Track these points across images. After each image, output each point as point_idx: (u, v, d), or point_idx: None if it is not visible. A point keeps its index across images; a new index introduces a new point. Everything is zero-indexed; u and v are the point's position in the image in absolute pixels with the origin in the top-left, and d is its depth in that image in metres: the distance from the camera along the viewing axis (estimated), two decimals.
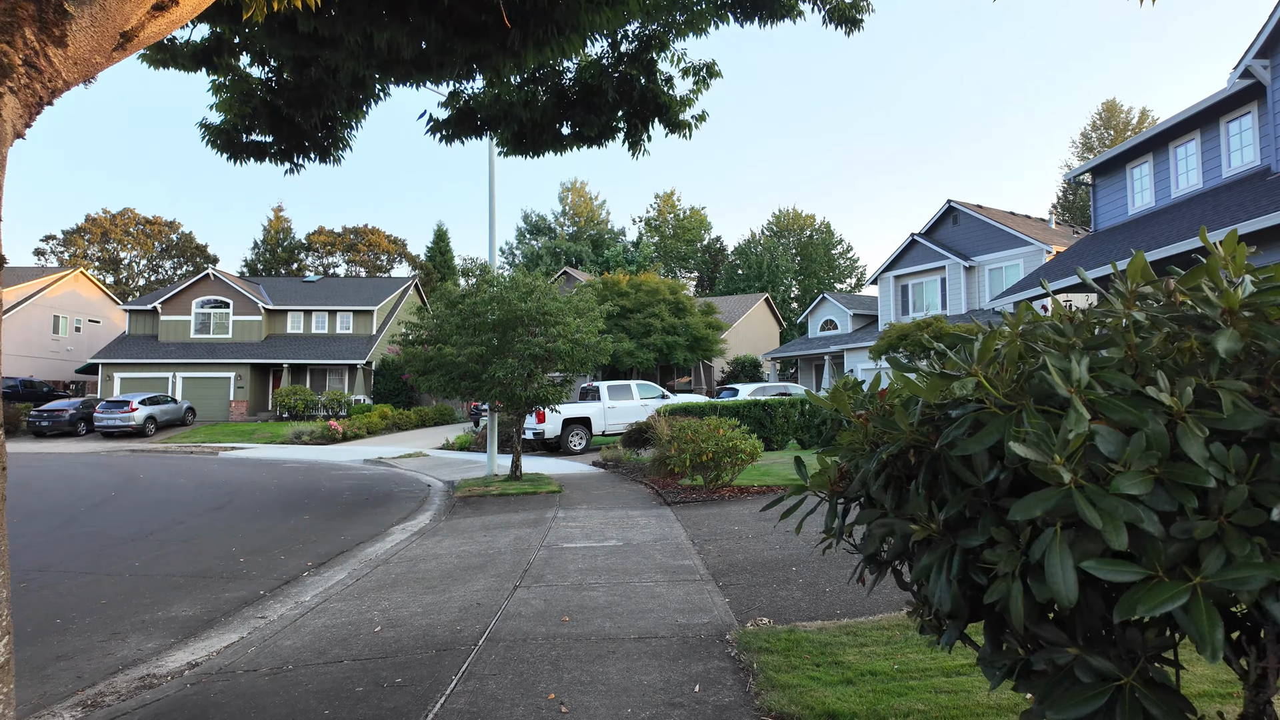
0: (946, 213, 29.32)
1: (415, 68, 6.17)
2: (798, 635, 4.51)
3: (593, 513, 10.44)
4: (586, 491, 12.79)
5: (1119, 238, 15.78)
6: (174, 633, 5.63)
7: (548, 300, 12.86)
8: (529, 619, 5.34)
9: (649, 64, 7.67)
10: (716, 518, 9.37)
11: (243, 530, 10.12)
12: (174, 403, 34.72)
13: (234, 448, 27.59)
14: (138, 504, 12.69)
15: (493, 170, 14.74)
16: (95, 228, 58.78)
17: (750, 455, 11.17)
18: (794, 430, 18.56)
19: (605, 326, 14.31)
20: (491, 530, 9.42)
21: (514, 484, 13.50)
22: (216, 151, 7.49)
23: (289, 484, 15.67)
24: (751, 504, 10.30)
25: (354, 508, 12.20)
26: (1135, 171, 16.63)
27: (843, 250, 61.44)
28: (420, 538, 9.30)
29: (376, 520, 10.91)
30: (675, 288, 34.54)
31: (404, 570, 7.38)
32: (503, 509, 11.26)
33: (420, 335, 13.50)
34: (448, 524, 10.27)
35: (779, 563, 6.75)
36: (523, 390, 12.73)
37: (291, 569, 7.78)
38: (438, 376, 12.89)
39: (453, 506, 11.92)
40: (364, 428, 30.91)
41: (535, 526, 9.44)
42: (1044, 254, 25.57)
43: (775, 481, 11.96)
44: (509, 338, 12.75)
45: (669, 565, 6.90)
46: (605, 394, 21.69)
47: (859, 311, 33.56)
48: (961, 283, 28.11)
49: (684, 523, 9.19)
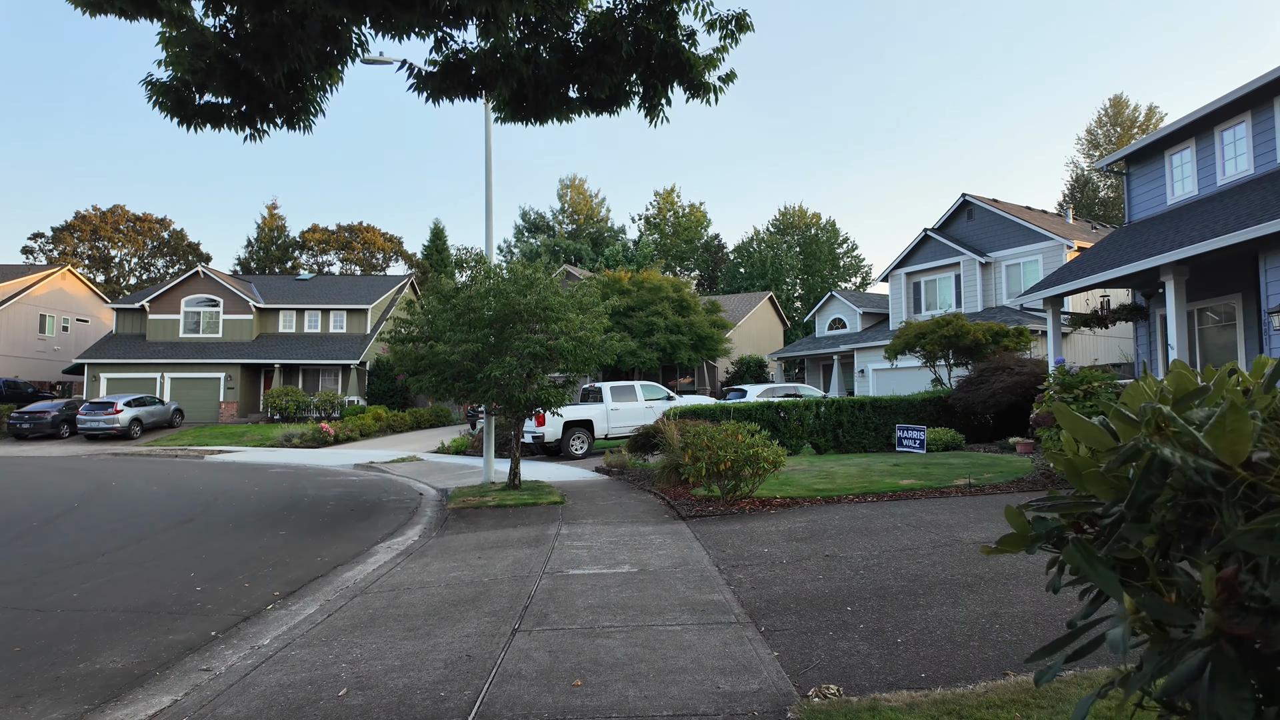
0: (961, 207, 28.30)
1: (394, 4, 5.12)
2: (884, 716, 3.45)
3: (600, 529, 9.38)
4: (591, 502, 11.73)
5: (1159, 228, 14.74)
6: (91, 695, 4.55)
7: (549, 295, 11.79)
8: (531, 681, 4.27)
9: (669, 16, 6.61)
10: (740, 536, 8.31)
11: (209, 549, 9.04)
12: (161, 404, 33.60)
13: (221, 451, 26.51)
14: (100, 517, 11.61)
15: (489, 145, 13.64)
16: (85, 225, 57.60)
17: (773, 464, 10.12)
18: (808, 434, 17.51)
19: (610, 324, 13.22)
20: (487, 551, 8.36)
21: (512, 494, 12.43)
22: (165, 115, 6.41)
23: (271, 492, 14.60)
24: (776, 519, 9.24)
25: (337, 521, 11.14)
26: (1175, 158, 15.59)
27: (847, 248, 60.40)
28: (407, 559, 8.24)
29: (360, 536, 9.85)
30: (679, 285, 33.48)
31: (384, 604, 6.31)
32: (500, 523, 10.19)
33: (411, 332, 12.42)
34: (438, 542, 9.21)
35: (828, 599, 5.69)
36: (521, 392, 11.66)
37: (255, 600, 6.71)
38: (430, 377, 11.82)
39: (445, 520, 10.86)
40: (357, 430, 29.82)
41: (536, 546, 8.37)
42: (1064, 249, 24.55)
43: (798, 493, 10.91)
44: (507, 335, 11.68)
45: (696, 601, 5.84)
46: (608, 395, 20.63)
47: (869, 310, 32.53)
48: (977, 279, 27.08)
49: (704, 542, 8.13)
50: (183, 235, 61.44)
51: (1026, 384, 17.09)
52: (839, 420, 17.72)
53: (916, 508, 9.46)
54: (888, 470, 12.74)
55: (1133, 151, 16.55)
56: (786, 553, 7.34)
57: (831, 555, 7.08)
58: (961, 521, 8.39)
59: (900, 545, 7.35)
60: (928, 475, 11.91)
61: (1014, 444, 15.43)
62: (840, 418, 17.73)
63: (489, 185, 13.64)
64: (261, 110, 6.36)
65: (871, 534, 7.98)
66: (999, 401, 17.32)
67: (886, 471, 12.57)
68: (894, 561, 6.68)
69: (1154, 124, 56.76)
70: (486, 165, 13.50)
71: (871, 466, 13.41)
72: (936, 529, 8.03)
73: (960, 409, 18.13)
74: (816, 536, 8.03)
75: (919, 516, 8.80)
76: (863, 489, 10.87)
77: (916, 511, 9.17)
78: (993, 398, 17.28)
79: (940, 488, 10.74)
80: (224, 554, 8.74)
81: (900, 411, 18.20)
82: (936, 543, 7.35)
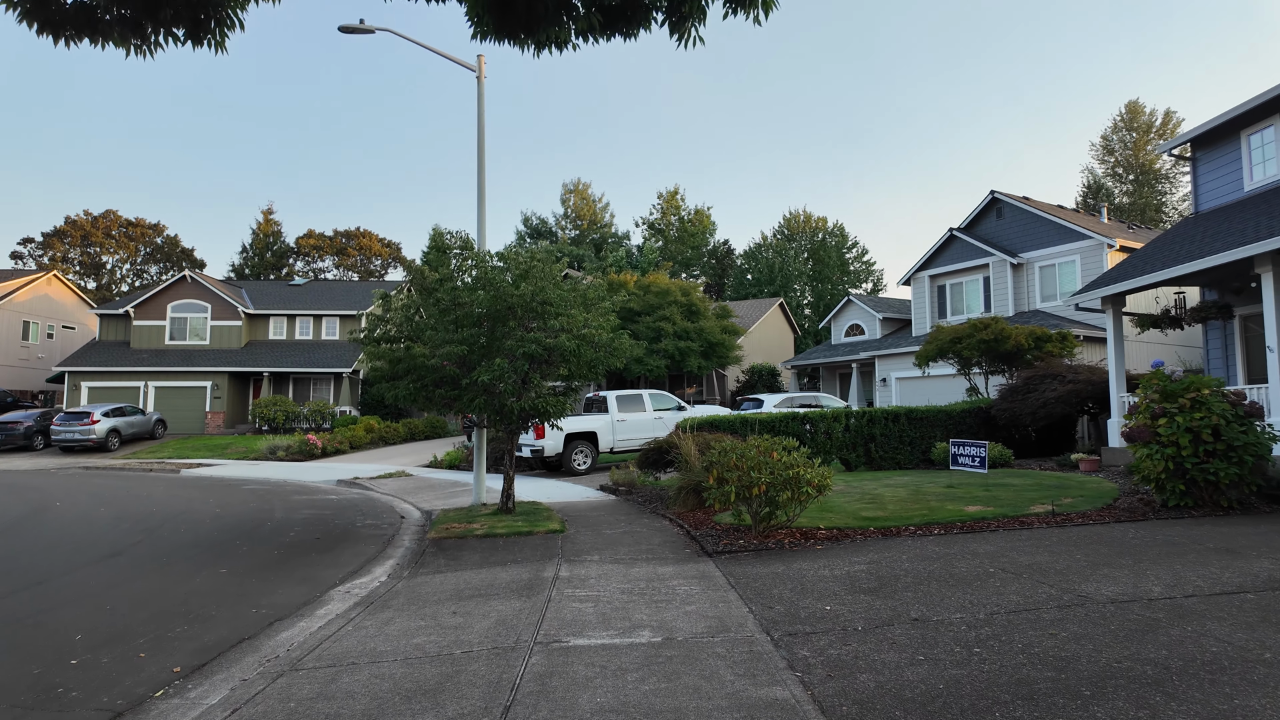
0: (989, 205, 26.57)
1: None
2: None
3: (608, 569, 7.60)
4: (596, 530, 9.95)
5: (1240, 216, 12.98)
6: None
7: (548, 286, 10.04)
8: None
9: None
10: (787, 584, 6.53)
11: (123, 595, 7.29)
12: (142, 414, 31.88)
13: (200, 465, 24.76)
14: (16, 548, 9.85)
15: (482, 102, 11.90)
16: (75, 230, 56.14)
17: (818, 488, 8.32)
18: (837, 449, 15.71)
19: (619, 322, 11.42)
20: (466, 601, 6.58)
21: (504, 519, 10.66)
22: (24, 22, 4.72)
23: (233, 514, 12.85)
24: (828, 559, 7.44)
25: (294, 553, 9.37)
26: (1254, 138, 13.84)
27: (857, 253, 58.67)
28: (365, 612, 6.46)
29: (316, 576, 8.08)
30: (688, 289, 31.76)
31: (313, 692, 4.54)
32: (487, 559, 8.42)
33: (387, 330, 10.66)
34: (409, 586, 7.43)
35: (948, 700, 3.90)
36: (515, 400, 9.89)
37: (142, 681, 4.95)
38: (407, 383, 10.07)
39: (422, 554, 9.08)
40: (347, 442, 28.09)
41: (528, 596, 6.60)
42: (1104, 248, 22.81)
43: (845, 522, 9.11)
44: (499, 333, 9.94)
45: (751, 699, 4.06)
46: (613, 405, 18.86)
47: (889, 315, 30.77)
48: (1008, 282, 25.30)
49: (742, 591, 6.35)
50: (176, 241, 59.98)
51: (1083, 393, 15.31)
52: (871, 433, 15.92)
53: (1001, 544, 7.66)
54: (942, 493, 10.94)
55: (1201, 134, 14.81)
56: (857, 613, 5.55)
57: (921, 619, 5.28)
58: (1072, 566, 6.59)
59: (1009, 603, 5.56)
60: (994, 500, 10.11)
61: (1075, 460, 13.61)
62: (873, 430, 15.93)
63: (480, 157, 11.87)
64: (150, 13, 4.65)
65: (961, 584, 6.18)
66: (1051, 413, 15.52)
67: (942, 494, 10.77)
68: (1016, 632, 4.90)
69: (1172, 128, 55.26)
70: (479, 127, 11.73)
71: (921, 488, 11.61)
72: (1045, 578, 6.23)
73: (1005, 421, 16.33)
74: (888, 587, 6.24)
75: (1012, 558, 7.01)
76: (923, 518, 9.07)
77: (1004, 550, 7.37)
78: (1043, 408, 15.48)
79: (1017, 517, 8.94)
80: (138, 603, 6.97)
81: (938, 424, 16.41)
82: (1058, 600, 5.55)
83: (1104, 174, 56.55)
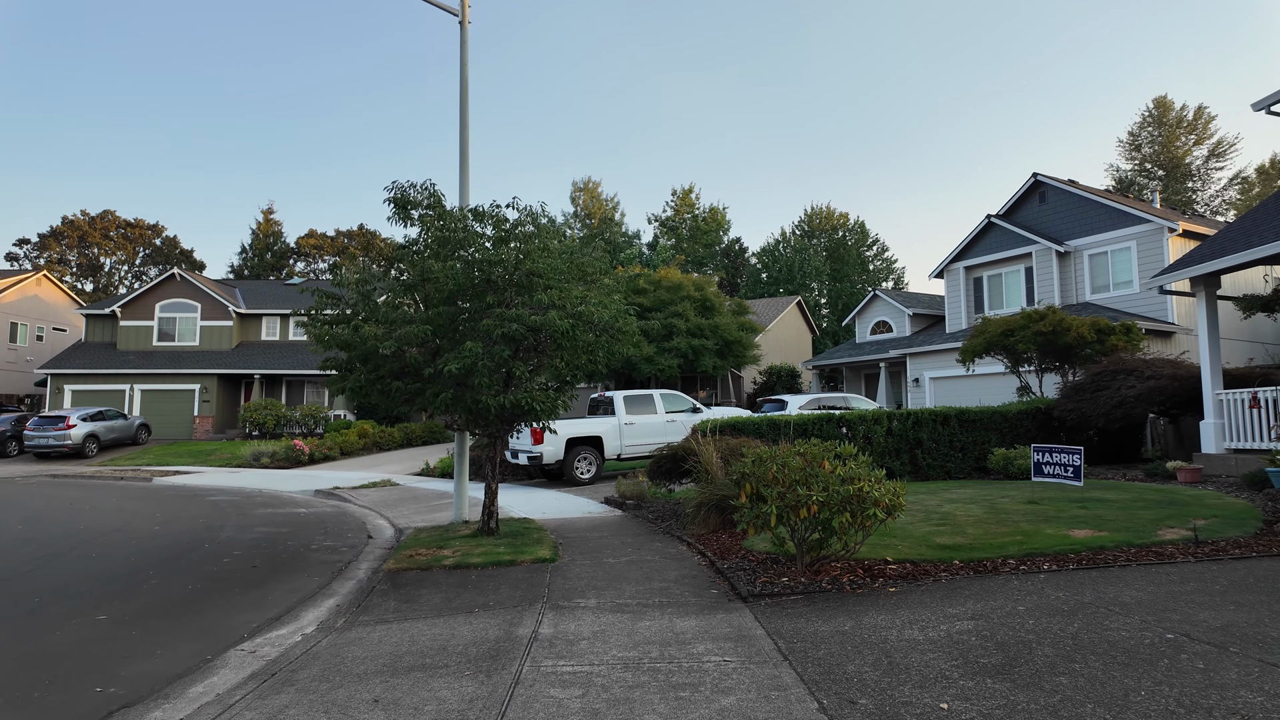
0: (1031, 189, 24.36)
1: None
2: None
3: (608, 622, 5.55)
4: (596, 560, 7.90)
5: None
6: None
7: (537, 253, 8.00)
8: None
9: None
10: (865, 653, 4.47)
11: None
12: (123, 419, 30.12)
13: (178, 472, 22.89)
14: None
15: (465, 48, 9.90)
16: (73, 231, 54.78)
17: (888, 509, 6.24)
18: (879, 455, 13.55)
19: (624, 305, 9.30)
20: (400, 679, 4.55)
21: (483, 543, 8.64)
22: None
23: (171, 533, 10.91)
24: (911, 610, 5.35)
25: (214, 589, 7.38)
26: None
27: (877, 250, 56.37)
28: (251, 697, 4.45)
29: (222, 625, 6.09)
30: (701, 284, 29.65)
31: None
32: (449, 603, 6.39)
33: (342, 310, 8.63)
34: (333, 646, 5.41)
35: None
36: (493, 396, 7.83)
37: None
38: (360, 374, 8.06)
39: (370, 592, 7.06)
40: (337, 448, 26.18)
41: (488, 674, 4.55)
42: (1165, 233, 20.57)
43: (917, 552, 7.01)
44: (475, 311, 7.93)
45: None
46: (621, 407, 16.82)
47: (919, 311, 28.56)
48: (1053, 272, 23.07)
49: (801, 669, 4.30)
50: (176, 242, 58.55)
51: (1167, 390, 13.11)
52: (918, 438, 13.78)
53: (1150, 589, 5.54)
54: (1028, 510, 8.80)
55: None
56: (993, 716, 3.47)
57: None
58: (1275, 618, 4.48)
59: (1227, 702, 3.47)
60: (1100, 521, 7.97)
61: (1172, 470, 11.43)
62: (919, 434, 13.79)
63: (464, 97, 9.85)
64: None
65: (1135, 661, 4.09)
66: (1129, 413, 13.33)
67: (1028, 513, 8.63)
68: None
69: (1204, 124, 52.74)
70: (462, 66, 9.71)
71: (996, 504, 9.48)
72: (1253, 650, 4.13)
73: (1070, 422, 14.15)
74: (1021, 664, 4.15)
75: (1186, 614, 4.90)
76: (1020, 548, 6.94)
77: (1162, 600, 5.26)
78: (1119, 408, 13.29)
79: (1147, 546, 6.81)
80: None
81: (993, 427, 14.25)
82: None
83: (1132, 170, 54.06)
